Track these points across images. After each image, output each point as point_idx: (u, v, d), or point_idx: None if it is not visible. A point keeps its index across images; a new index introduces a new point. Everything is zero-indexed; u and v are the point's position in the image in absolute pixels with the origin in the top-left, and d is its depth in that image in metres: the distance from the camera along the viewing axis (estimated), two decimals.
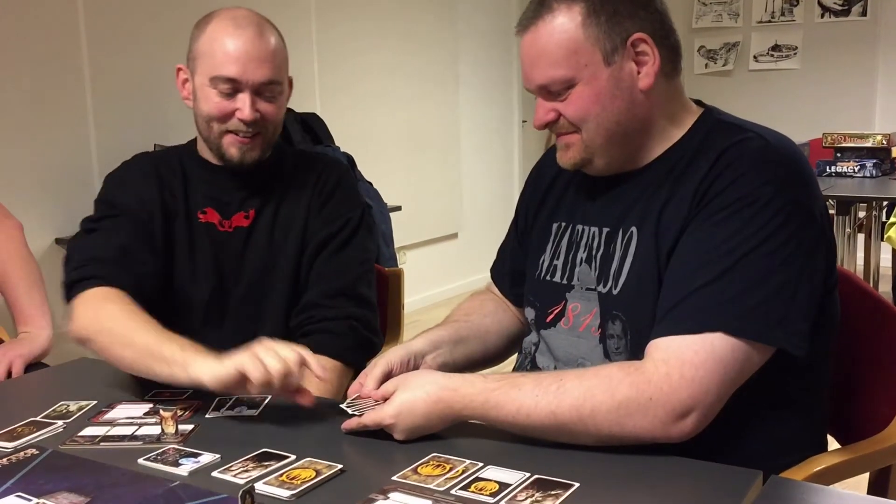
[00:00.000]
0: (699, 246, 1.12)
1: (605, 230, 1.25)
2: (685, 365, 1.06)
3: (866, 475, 1.29)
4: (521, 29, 1.22)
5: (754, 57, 6.07)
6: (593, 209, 1.29)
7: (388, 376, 1.22)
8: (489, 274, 1.55)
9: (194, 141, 1.61)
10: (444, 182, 5.11)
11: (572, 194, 1.35)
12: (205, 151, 1.57)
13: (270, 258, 1.55)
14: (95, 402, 1.33)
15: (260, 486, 0.99)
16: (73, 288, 1.47)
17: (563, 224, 1.34)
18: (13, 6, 2.92)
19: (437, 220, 5.03)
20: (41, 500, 0.99)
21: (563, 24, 1.17)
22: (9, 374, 1.70)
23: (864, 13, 5.67)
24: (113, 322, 1.38)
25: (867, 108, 5.61)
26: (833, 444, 1.31)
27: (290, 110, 3.35)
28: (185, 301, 1.55)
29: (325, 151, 3.38)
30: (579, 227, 1.30)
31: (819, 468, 1.14)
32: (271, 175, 1.58)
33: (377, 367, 1.24)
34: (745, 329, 1.07)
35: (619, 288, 1.21)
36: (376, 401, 1.16)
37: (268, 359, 1.17)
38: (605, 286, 1.23)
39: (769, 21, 6.01)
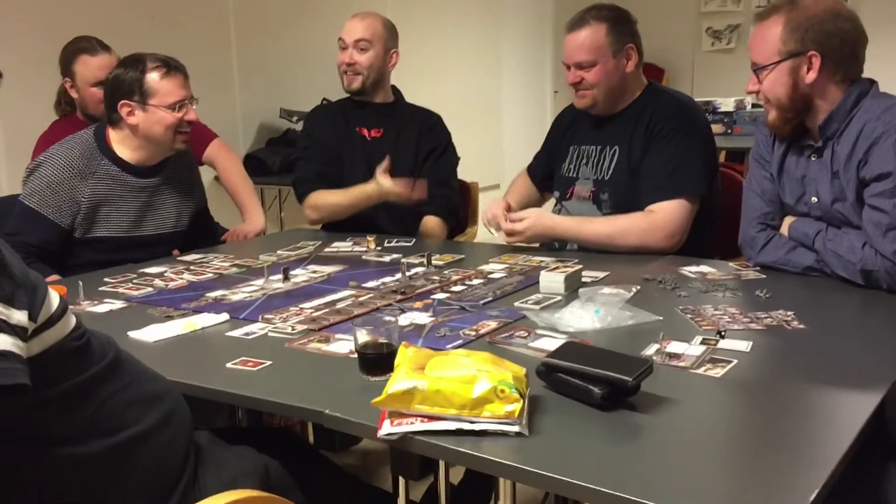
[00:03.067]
0: (660, 155, 2.22)
1: (598, 147, 2.35)
2: (672, 213, 2.17)
3: None
4: (569, 30, 2.31)
5: None
6: (590, 136, 2.39)
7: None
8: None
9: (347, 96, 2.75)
10: (489, 141, 6.20)
11: (580, 129, 2.44)
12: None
13: (395, 154, 2.62)
14: (320, 242, 2.47)
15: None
16: (300, 196, 2.67)
17: (575, 146, 2.44)
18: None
19: (481, 172, 6.10)
20: (323, 268, 2.12)
21: (594, 32, 2.26)
22: None
23: None
24: (326, 201, 2.59)
25: None
26: None
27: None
28: (351, 185, 2.64)
29: None
30: (584, 146, 2.40)
31: None
32: (392, 110, 2.72)
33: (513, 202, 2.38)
34: (692, 190, 2.18)
35: (608, 176, 2.31)
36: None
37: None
38: (598, 175, 2.33)
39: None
